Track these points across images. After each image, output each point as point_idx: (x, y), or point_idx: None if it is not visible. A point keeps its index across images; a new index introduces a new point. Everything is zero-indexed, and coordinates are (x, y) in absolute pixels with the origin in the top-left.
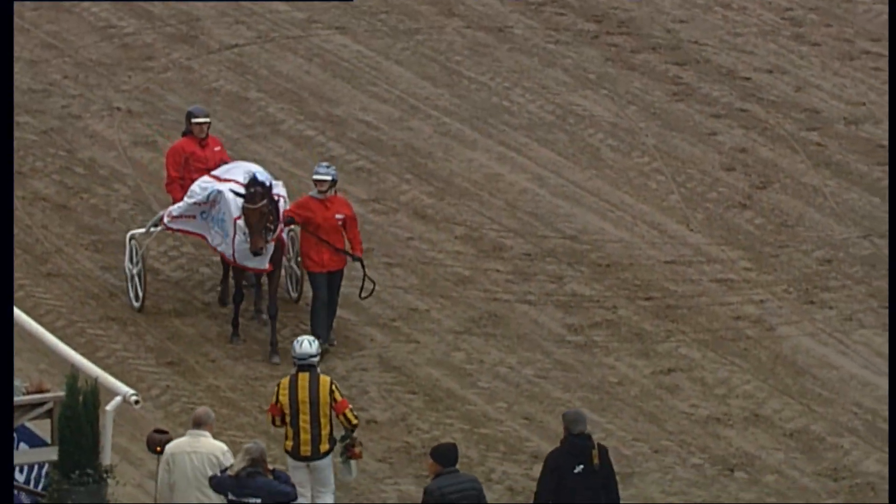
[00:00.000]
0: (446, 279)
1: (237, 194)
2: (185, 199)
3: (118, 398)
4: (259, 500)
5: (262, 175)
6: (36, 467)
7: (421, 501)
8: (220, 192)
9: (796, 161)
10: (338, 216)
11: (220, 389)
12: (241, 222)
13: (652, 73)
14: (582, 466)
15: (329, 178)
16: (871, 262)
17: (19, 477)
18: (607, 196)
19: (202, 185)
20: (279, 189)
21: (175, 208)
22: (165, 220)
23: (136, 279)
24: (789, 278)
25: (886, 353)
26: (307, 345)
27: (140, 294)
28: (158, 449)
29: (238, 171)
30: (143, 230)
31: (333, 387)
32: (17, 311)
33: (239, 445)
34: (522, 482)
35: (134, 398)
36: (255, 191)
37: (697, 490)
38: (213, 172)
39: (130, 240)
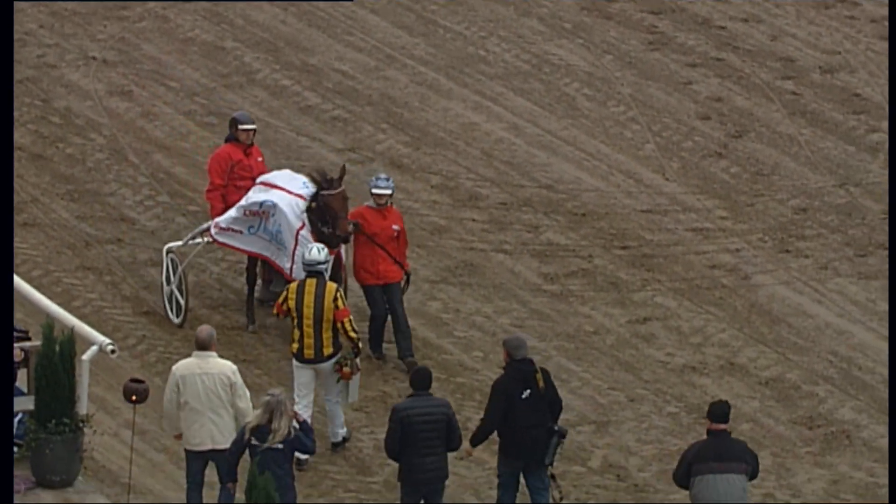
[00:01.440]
0: (422, 228)
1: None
2: (238, 207)
3: (94, 347)
4: (282, 446)
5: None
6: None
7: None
8: (274, 204)
9: (771, 110)
10: (394, 227)
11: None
12: (304, 232)
13: (628, 22)
14: (529, 391)
15: (389, 192)
16: (846, 211)
17: None
18: (583, 145)
19: (256, 196)
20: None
21: (224, 219)
22: (213, 231)
23: (177, 295)
24: (765, 227)
25: (861, 302)
26: (316, 252)
27: (181, 310)
28: (134, 398)
29: (285, 179)
30: (180, 242)
31: (338, 294)
32: None
33: None
34: None
35: (110, 347)
36: (331, 178)
37: (673, 438)
38: (263, 179)
39: (167, 254)
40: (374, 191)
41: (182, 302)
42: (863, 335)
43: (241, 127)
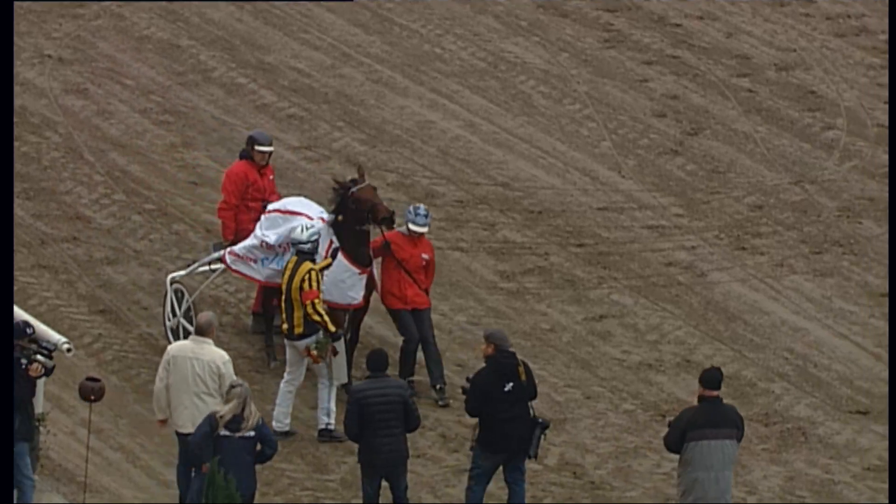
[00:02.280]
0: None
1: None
2: (256, 238)
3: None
4: (253, 434)
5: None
6: None
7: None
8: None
9: (727, 107)
10: (424, 256)
11: (153, 337)
12: (342, 259)
13: (583, 19)
14: (511, 384)
15: (426, 229)
16: (801, 208)
17: None
18: (539, 143)
19: (277, 227)
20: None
21: (241, 247)
22: (228, 259)
23: (185, 326)
24: (720, 224)
25: (817, 299)
26: (298, 231)
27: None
28: (91, 397)
29: (303, 206)
30: (183, 272)
31: (307, 276)
32: None
33: None
34: (455, 429)
35: (66, 346)
36: (353, 178)
37: (629, 436)
38: (278, 207)
39: (171, 283)
40: (411, 227)
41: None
42: (818, 332)
43: (258, 148)
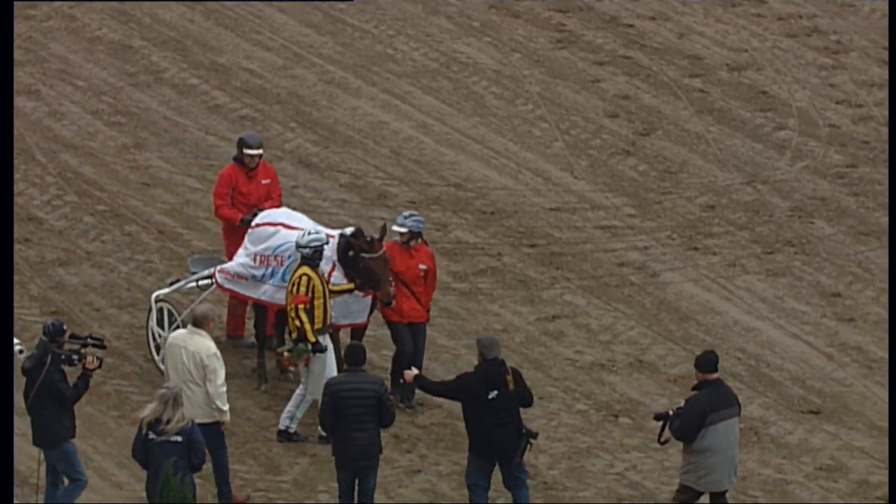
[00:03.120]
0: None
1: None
2: (248, 253)
3: None
4: (181, 439)
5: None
6: None
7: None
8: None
9: (679, 108)
10: (421, 266)
11: (106, 339)
12: (336, 273)
13: (535, 20)
14: (496, 392)
15: (405, 229)
16: (753, 209)
17: None
18: (492, 144)
19: (268, 240)
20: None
21: (231, 266)
22: (218, 277)
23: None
24: (673, 225)
25: (769, 299)
26: (301, 235)
27: None
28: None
29: (292, 218)
30: (167, 290)
31: (299, 280)
32: None
33: (125, 395)
34: (408, 429)
35: (18, 348)
36: (372, 238)
37: (582, 436)
38: (266, 219)
39: (157, 302)
40: (394, 227)
41: None
42: (770, 332)
43: (245, 150)
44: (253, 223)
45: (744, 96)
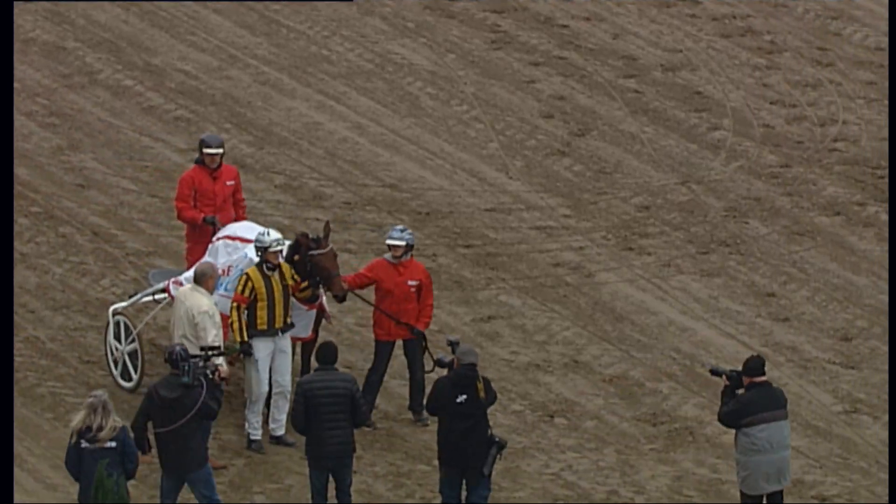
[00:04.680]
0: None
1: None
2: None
3: None
4: (115, 444)
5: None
6: None
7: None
8: (248, 258)
9: (614, 108)
10: (411, 283)
11: (40, 340)
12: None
13: (470, 21)
14: (465, 396)
15: (402, 242)
16: (688, 209)
17: None
18: (427, 144)
19: (229, 256)
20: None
21: (186, 276)
22: (172, 289)
23: (128, 360)
24: (608, 225)
25: (704, 299)
26: (262, 233)
27: (135, 375)
28: None
29: (249, 231)
30: (126, 303)
31: (239, 280)
32: None
33: (60, 397)
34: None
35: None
36: (317, 237)
37: (518, 436)
38: (228, 234)
39: (114, 315)
40: (388, 241)
41: (139, 364)
42: (705, 332)
43: (205, 150)
44: (214, 238)
45: (678, 96)
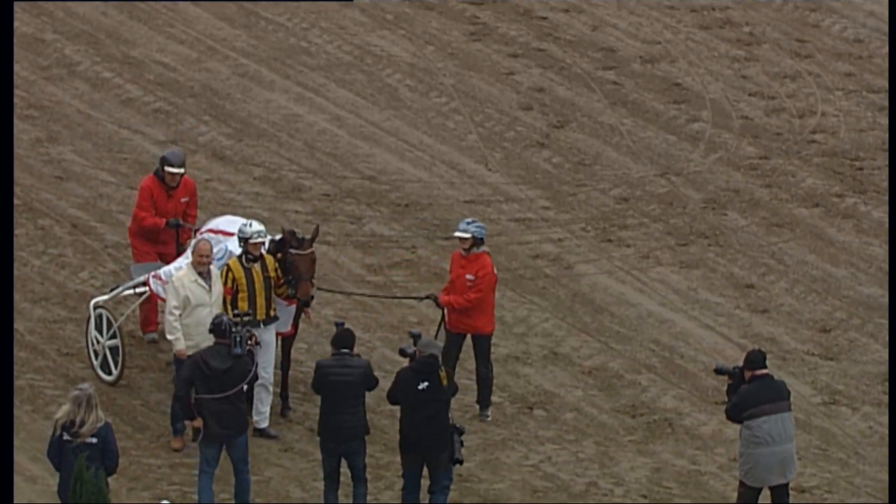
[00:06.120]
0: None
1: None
2: (186, 260)
3: None
4: (95, 440)
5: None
6: None
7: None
8: (227, 250)
9: (593, 100)
10: (469, 277)
11: (18, 332)
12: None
13: (449, 12)
14: (427, 384)
15: (468, 235)
16: (667, 200)
17: None
18: (406, 136)
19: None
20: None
21: (166, 271)
22: (152, 284)
23: (108, 353)
24: (587, 217)
25: (683, 290)
26: (244, 224)
27: (115, 369)
28: None
29: (232, 224)
30: (107, 296)
31: (222, 271)
32: None
33: (38, 390)
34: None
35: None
36: (303, 238)
37: (497, 428)
38: (212, 227)
39: (95, 308)
40: (456, 234)
41: (119, 358)
42: (684, 324)
43: (167, 169)
44: (202, 230)
45: (657, 88)
